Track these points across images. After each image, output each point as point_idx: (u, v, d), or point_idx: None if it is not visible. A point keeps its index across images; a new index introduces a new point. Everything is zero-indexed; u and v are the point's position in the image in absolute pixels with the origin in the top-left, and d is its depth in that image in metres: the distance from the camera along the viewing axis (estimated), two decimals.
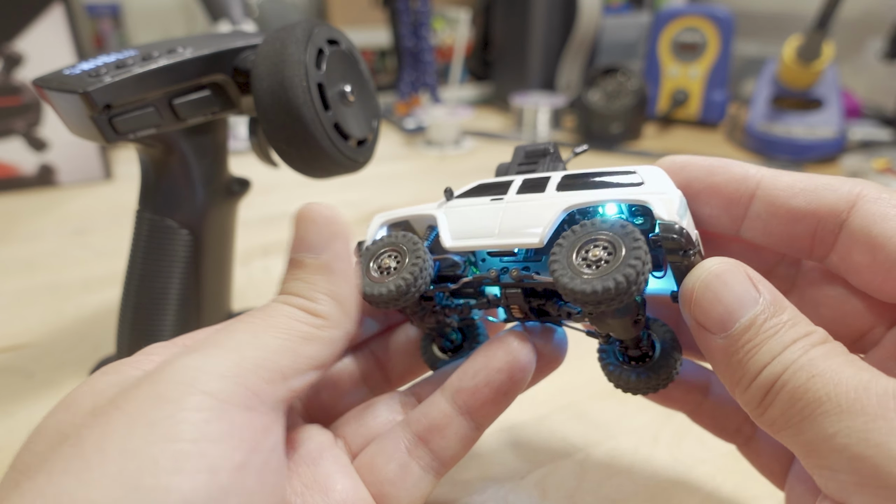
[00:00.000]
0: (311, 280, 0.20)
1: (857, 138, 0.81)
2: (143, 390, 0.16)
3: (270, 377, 0.17)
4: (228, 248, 0.35)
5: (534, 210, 0.21)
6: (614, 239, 0.18)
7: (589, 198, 0.20)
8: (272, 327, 0.18)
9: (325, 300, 0.20)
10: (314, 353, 0.19)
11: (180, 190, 0.31)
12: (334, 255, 0.20)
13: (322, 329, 0.19)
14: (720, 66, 0.91)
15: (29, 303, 0.46)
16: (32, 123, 0.67)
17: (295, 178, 0.34)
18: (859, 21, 0.94)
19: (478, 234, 0.21)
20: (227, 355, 0.17)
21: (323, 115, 0.27)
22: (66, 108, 0.27)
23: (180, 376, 0.16)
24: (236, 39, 0.29)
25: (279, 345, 0.18)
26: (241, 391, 0.16)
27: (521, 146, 0.25)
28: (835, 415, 0.15)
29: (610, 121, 0.85)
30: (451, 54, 1.09)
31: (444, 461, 0.22)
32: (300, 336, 0.19)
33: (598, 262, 0.18)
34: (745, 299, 0.17)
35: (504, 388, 0.21)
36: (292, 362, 0.18)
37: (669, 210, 0.18)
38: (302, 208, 0.20)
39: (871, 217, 0.18)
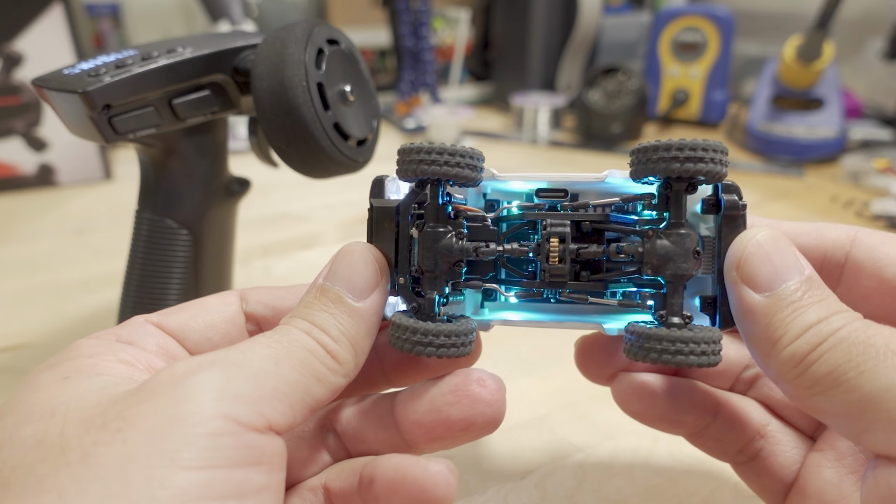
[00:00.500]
0: (340, 319, 0.19)
1: (857, 138, 0.81)
2: (162, 409, 0.15)
3: (283, 409, 0.17)
4: (228, 248, 0.35)
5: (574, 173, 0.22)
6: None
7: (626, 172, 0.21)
8: (293, 358, 0.18)
9: (346, 346, 0.19)
10: (319, 396, 0.18)
11: (180, 190, 0.31)
12: (372, 306, 0.20)
13: (334, 374, 0.19)
14: (720, 66, 0.91)
15: (29, 303, 0.46)
16: (32, 123, 0.67)
17: (295, 178, 0.34)
18: (860, 21, 0.94)
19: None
20: (248, 380, 0.16)
21: (323, 115, 0.27)
22: (65, 107, 0.27)
23: (201, 398, 0.15)
24: (236, 39, 0.29)
25: (294, 379, 0.17)
26: (259, 419, 0.16)
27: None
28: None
29: (610, 121, 0.85)
30: (451, 54, 1.09)
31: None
32: (314, 375, 0.18)
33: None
34: (793, 266, 0.18)
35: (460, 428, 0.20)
36: (300, 400, 0.17)
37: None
38: (353, 245, 0.21)
39: (872, 244, 0.20)
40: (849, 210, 0.64)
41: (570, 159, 0.82)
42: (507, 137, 0.91)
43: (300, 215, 0.63)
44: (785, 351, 0.17)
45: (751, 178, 0.75)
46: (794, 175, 0.75)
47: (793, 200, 0.67)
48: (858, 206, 0.64)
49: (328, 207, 0.65)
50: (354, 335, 0.19)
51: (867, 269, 0.20)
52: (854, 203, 0.65)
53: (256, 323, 0.23)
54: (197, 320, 0.22)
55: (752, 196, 0.68)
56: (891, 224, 0.60)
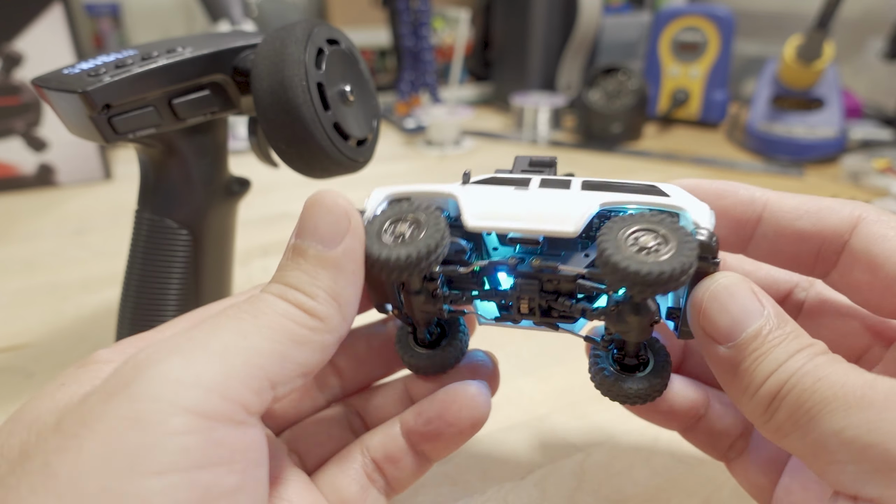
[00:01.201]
0: (314, 274, 0.18)
1: (857, 138, 0.81)
2: (118, 408, 0.14)
3: (259, 386, 0.16)
4: (228, 248, 0.35)
5: (564, 200, 0.20)
6: (666, 229, 0.18)
7: (624, 198, 0.20)
8: (264, 327, 0.17)
9: (325, 299, 0.18)
10: (304, 359, 0.17)
11: (180, 190, 0.31)
12: (346, 252, 0.19)
13: (317, 332, 0.17)
14: (720, 66, 0.91)
15: (28, 303, 0.46)
16: (32, 123, 0.67)
17: (295, 178, 0.34)
18: (860, 21, 0.94)
19: (503, 216, 0.20)
20: (212, 362, 0.15)
21: (323, 115, 0.27)
22: (65, 107, 0.27)
23: (159, 391, 0.14)
24: (236, 39, 0.29)
25: (269, 348, 0.16)
26: (229, 406, 0.15)
27: (523, 156, 0.24)
28: (843, 411, 0.16)
29: (610, 121, 0.85)
30: (451, 54, 1.09)
31: (395, 487, 0.23)
32: (293, 339, 0.17)
33: (649, 248, 0.18)
34: (750, 311, 0.18)
35: (456, 440, 0.22)
36: (281, 368, 0.16)
37: (704, 217, 0.19)
38: (317, 194, 0.19)
39: (872, 237, 0.19)
40: None
41: (571, 159, 0.82)
42: (507, 137, 0.91)
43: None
44: (752, 400, 0.18)
45: (751, 178, 0.75)
46: (795, 175, 0.75)
47: None
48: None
49: None
50: (333, 286, 0.18)
51: (861, 262, 0.19)
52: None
53: None
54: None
55: None
56: None
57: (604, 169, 0.78)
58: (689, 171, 0.77)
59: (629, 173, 0.76)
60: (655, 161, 0.81)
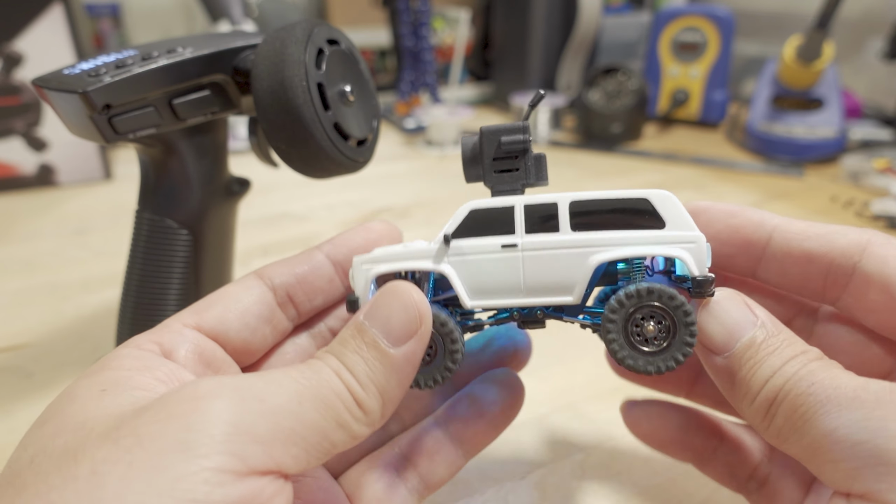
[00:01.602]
0: (372, 365, 0.18)
1: (857, 138, 0.81)
2: (172, 433, 0.15)
3: (296, 453, 0.16)
4: (228, 247, 0.35)
5: (559, 263, 0.20)
6: (667, 314, 0.19)
7: (618, 253, 0.20)
8: (317, 399, 0.17)
9: (374, 394, 0.18)
10: (338, 441, 0.17)
11: (180, 190, 0.31)
12: (407, 355, 0.19)
13: (358, 422, 0.18)
14: (720, 66, 0.91)
15: (28, 303, 0.46)
16: (32, 123, 0.67)
17: (295, 178, 0.34)
18: (860, 21, 0.94)
19: (500, 290, 0.21)
20: (266, 417, 0.16)
21: (323, 115, 0.27)
22: (65, 107, 0.27)
23: (212, 428, 0.15)
24: (236, 39, 0.29)
25: (316, 422, 0.17)
26: (268, 461, 0.15)
27: (490, 131, 0.22)
28: (835, 412, 0.16)
29: (610, 121, 0.85)
30: (451, 54, 1.09)
31: (429, 485, 0.23)
32: (337, 420, 0.17)
33: (653, 339, 0.19)
34: (743, 321, 0.19)
35: (497, 421, 0.22)
36: (318, 444, 0.17)
37: (701, 264, 0.19)
38: (397, 285, 0.19)
39: (884, 258, 0.19)
40: (849, 210, 0.64)
41: (571, 159, 0.82)
42: None
43: (300, 215, 0.63)
44: (751, 407, 0.18)
45: (751, 178, 0.75)
46: (794, 175, 0.75)
47: (793, 200, 0.67)
48: (858, 206, 0.64)
49: (328, 207, 0.65)
50: (384, 384, 0.18)
51: (876, 283, 0.19)
52: (854, 203, 0.65)
53: (286, 293, 0.23)
54: (230, 311, 0.22)
55: (752, 196, 0.68)
56: (891, 224, 0.59)
57: (604, 169, 0.78)
58: (689, 171, 0.77)
59: (629, 173, 0.76)
60: (655, 161, 0.81)
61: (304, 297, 0.23)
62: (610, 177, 0.75)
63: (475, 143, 0.22)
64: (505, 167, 0.22)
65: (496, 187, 0.22)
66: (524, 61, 1.00)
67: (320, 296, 0.24)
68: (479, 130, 0.22)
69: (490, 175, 0.22)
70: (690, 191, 0.70)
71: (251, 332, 0.22)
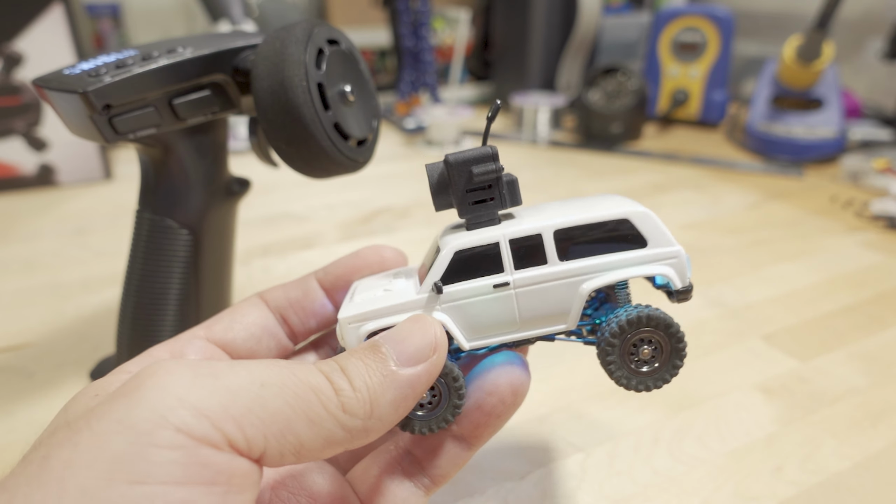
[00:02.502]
0: (372, 374, 0.18)
1: (857, 138, 0.81)
2: (116, 412, 0.14)
3: (252, 435, 0.15)
4: (228, 247, 0.35)
5: (552, 295, 0.21)
6: (662, 339, 0.21)
7: (609, 279, 0.21)
8: (287, 388, 0.16)
9: (363, 400, 0.17)
10: (306, 439, 0.16)
11: (180, 190, 0.31)
12: (412, 379, 0.18)
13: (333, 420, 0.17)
14: (720, 66, 0.91)
15: (29, 303, 0.46)
16: (32, 123, 0.67)
17: (295, 178, 0.34)
18: (859, 21, 0.94)
19: (496, 327, 0.21)
20: (218, 393, 0.15)
21: (323, 115, 0.27)
22: (65, 107, 0.27)
23: (156, 403, 0.14)
24: (236, 39, 0.29)
25: (278, 409, 0.16)
26: (217, 435, 0.15)
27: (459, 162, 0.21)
28: None
29: (610, 121, 0.85)
30: (451, 54, 1.09)
31: (434, 479, 0.22)
32: (306, 413, 0.16)
33: (648, 361, 0.21)
34: None
35: (497, 412, 0.22)
36: (280, 434, 0.16)
37: (682, 276, 0.21)
38: (425, 317, 0.19)
39: None
40: (848, 210, 0.64)
41: (571, 159, 0.82)
42: (508, 137, 0.91)
43: (300, 215, 0.63)
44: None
45: (750, 178, 0.75)
46: (794, 175, 0.75)
47: (792, 200, 0.67)
48: (858, 206, 0.64)
49: (328, 207, 0.65)
50: (378, 394, 0.18)
51: None
52: (853, 203, 0.65)
53: (280, 315, 0.25)
54: (237, 322, 0.23)
55: (752, 196, 0.68)
56: (891, 224, 0.60)
57: (604, 169, 0.78)
58: (689, 171, 0.77)
59: (629, 173, 0.76)
60: (655, 161, 0.81)
61: (297, 320, 0.25)
62: (610, 177, 0.75)
63: (442, 171, 0.22)
64: (479, 198, 0.21)
65: (472, 220, 0.21)
66: (524, 61, 1.00)
67: (313, 319, 0.25)
68: (444, 159, 0.21)
69: (465, 207, 0.21)
70: (690, 191, 0.70)
71: (256, 341, 0.23)
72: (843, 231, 0.59)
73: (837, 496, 0.29)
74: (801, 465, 0.30)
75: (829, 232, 0.59)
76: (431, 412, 0.21)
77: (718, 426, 0.33)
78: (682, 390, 0.36)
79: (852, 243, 0.56)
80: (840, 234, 0.58)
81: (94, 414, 0.14)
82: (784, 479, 0.30)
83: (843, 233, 0.59)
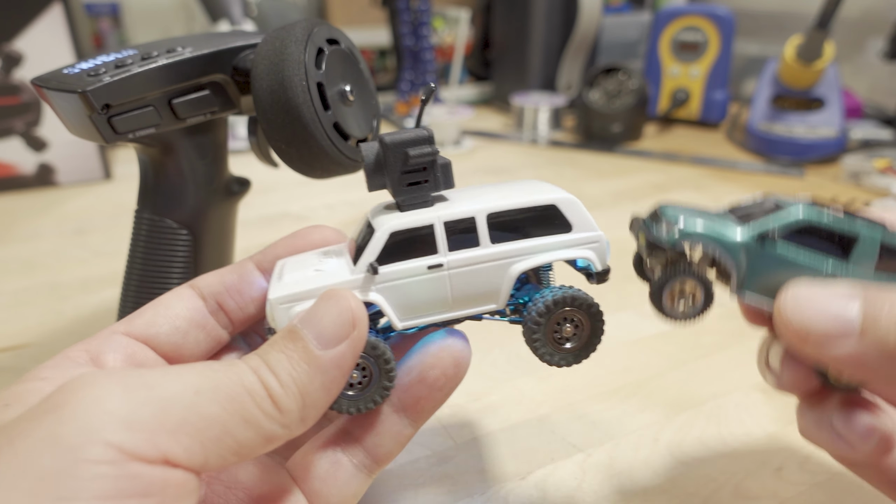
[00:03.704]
0: (296, 365, 0.18)
1: (858, 138, 0.81)
2: (42, 428, 0.14)
3: (188, 445, 0.15)
4: (228, 247, 0.35)
5: (483, 276, 0.22)
6: (584, 318, 0.22)
7: (536, 261, 0.22)
8: (221, 392, 0.16)
9: (293, 394, 0.17)
10: (245, 440, 0.16)
11: (179, 190, 0.31)
12: (335, 359, 0.18)
13: (269, 420, 0.17)
14: (721, 66, 0.91)
15: (28, 303, 0.46)
16: (31, 123, 0.67)
17: (295, 178, 0.34)
18: (860, 21, 0.94)
19: (428, 307, 0.22)
20: (150, 405, 0.15)
21: (323, 115, 0.27)
22: (65, 107, 0.27)
23: (86, 417, 0.14)
24: (236, 39, 0.29)
25: (214, 414, 0.16)
26: (151, 450, 0.14)
27: (395, 143, 0.21)
28: None
29: (610, 120, 0.85)
30: (451, 54, 1.09)
31: (377, 459, 0.22)
32: (242, 415, 0.16)
33: (570, 338, 0.22)
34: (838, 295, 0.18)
35: (439, 384, 0.21)
36: (217, 439, 0.16)
37: (602, 259, 0.22)
38: (338, 291, 0.19)
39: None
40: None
41: (571, 159, 0.82)
42: (507, 137, 0.91)
43: (300, 215, 0.63)
44: None
45: (751, 177, 0.75)
46: (795, 175, 0.75)
47: None
48: (859, 207, 0.64)
49: (328, 207, 0.65)
50: (307, 385, 0.18)
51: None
52: (855, 203, 0.65)
53: (216, 301, 0.23)
54: (160, 315, 0.22)
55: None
56: None
57: (604, 169, 0.78)
58: (690, 171, 0.77)
59: (629, 173, 0.76)
60: (655, 161, 0.81)
61: (234, 306, 0.23)
62: (610, 177, 0.75)
63: (378, 152, 0.22)
64: (414, 180, 0.22)
65: (407, 201, 0.22)
66: (524, 61, 1.00)
67: (252, 304, 0.24)
68: (380, 140, 0.21)
69: (399, 189, 0.22)
70: (691, 191, 0.70)
71: (182, 335, 0.22)
72: None
73: (837, 496, 0.29)
74: (801, 465, 0.30)
75: None
76: (361, 392, 0.21)
77: (719, 426, 0.33)
78: (683, 390, 0.36)
79: None
80: None
81: (17, 431, 0.14)
82: (784, 479, 0.30)
83: None
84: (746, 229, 0.21)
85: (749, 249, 0.20)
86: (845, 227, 0.20)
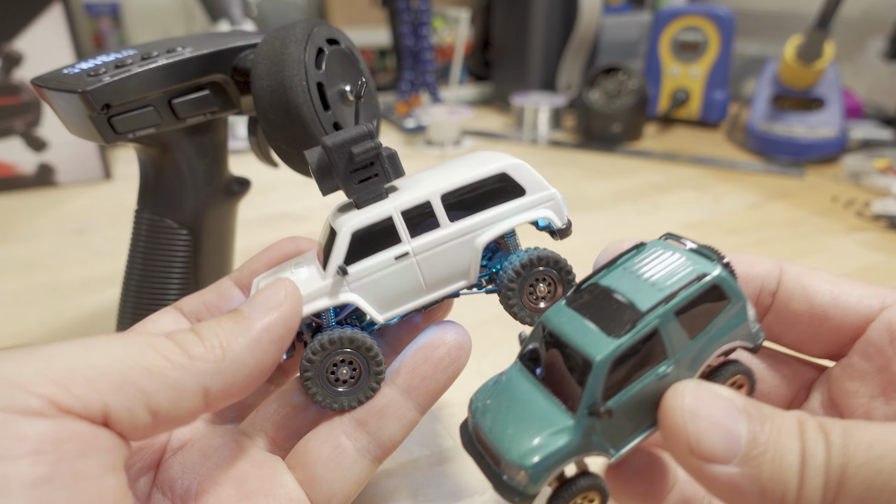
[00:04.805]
0: (223, 326, 0.18)
1: (858, 138, 0.80)
2: None
3: (81, 392, 0.15)
4: (228, 247, 0.35)
5: (450, 255, 0.22)
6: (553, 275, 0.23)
7: (498, 230, 0.22)
8: (115, 346, 0.16)
9: (210, 346, 0.17)
10: (149, 389, 0.16)
11: (179, 190, 0.31)
12: (266, 325, 0.19)
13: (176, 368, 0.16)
14: (721, 66, 0.91)
15: (28, 303, 0.46)
16: (31, 123, 0.67)
17: (295, 178, 0.34)
18: (860, 20, 0.94)
19: (405, 295, 0.22)
20: (31, 361, 0.15)
21: (323, 115, 0.27)
22: (65, 107, 0.27)
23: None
24: (236, 39, 0.29)
25: (107, 365, 0.15)
26: (33, 400, 0.14)
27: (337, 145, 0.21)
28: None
29: (610, 120, 0.85)
30: (451, 54, 1.09)
31: (382, 444, 0.22)
32: (143, 364, 0.16)
33: (545, 297, 0.23)
34: (720, 410, 0.16)
35: (444, 364, 0.22)
36: (117, 388, 0.15)
37: (561, 215, 0.23)
38: (279, 279, 0.20)
39: (798, 273, 0.21)
40: (849, 210, 0.64)
41: (571, 159, 0.82)
42: (507, 137, 0.91)
43: (300, 215, 0.63)
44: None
45: (751, 178, 0.75)
46: (795, 175, 0.75)
47: (793, 200, 0.67)
48: (859, 206, 0.64)
49: (328, 207, 0.65)
50: (231, 340, 0.18)
51: (797, 296, 0.20)
52: (855, 203, 0.65)
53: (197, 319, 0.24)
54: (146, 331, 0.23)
55: (753, 196, 0.68)
56: (891, 224, 0.59)
57: (604, 169, 0.78)
58: (690, 171, 0.77)
59: (629, 173, 0.76)
60: (656, 161, 0.81)
61: None
62: (610, 177, 0.75)
63: (321, 156, 0.22)
64: (364, 176, 0.22)
65: (362, 198, 0.22)
66: (524, 61, 1.00)
67: None
68: (322, 144, 0.22)
69: (351, 187, 0.22)
70: (691, 191, 0.70)
71: None
72: (845, 231, 0.59)
73: None
74: None
75: (830, 232, 0.59)
76: (354, 386, 0.22)
77: None
78: None
79: (853, 243, 0.56)
80: (841, 235, 0.58)
81: None
82: None
83: (845, 233, 0.59)
84: (575, 420, 0.18)
85: (591, 429, 0.18)
86: (639, 336, 0.17)
